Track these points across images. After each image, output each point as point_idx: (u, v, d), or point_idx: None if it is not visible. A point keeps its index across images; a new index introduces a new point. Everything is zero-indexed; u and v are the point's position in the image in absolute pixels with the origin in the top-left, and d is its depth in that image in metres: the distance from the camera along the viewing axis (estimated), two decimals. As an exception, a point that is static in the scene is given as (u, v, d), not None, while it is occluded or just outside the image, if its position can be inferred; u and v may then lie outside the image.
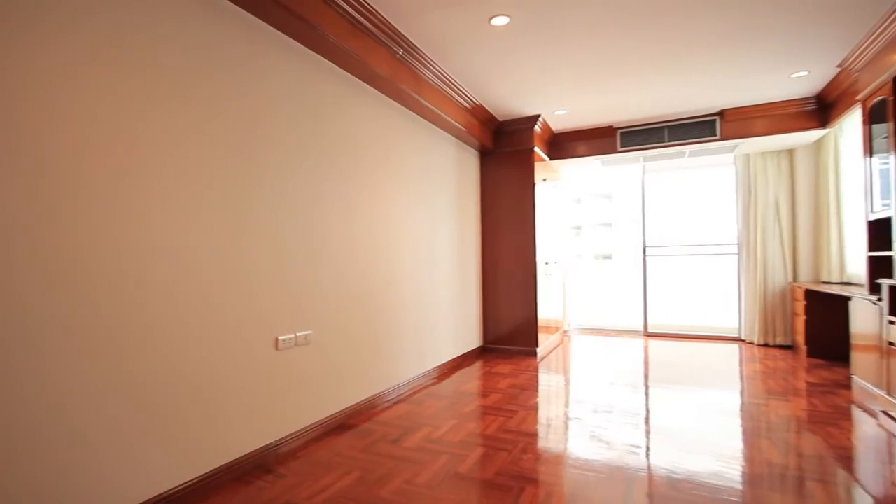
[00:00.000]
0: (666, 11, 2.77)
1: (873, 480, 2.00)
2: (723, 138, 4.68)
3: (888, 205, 2.94)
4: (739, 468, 2.12)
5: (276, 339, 2.33)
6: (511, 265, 4.91)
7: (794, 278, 5.08)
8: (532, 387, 3.57)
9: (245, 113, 2.18)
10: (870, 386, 3.11)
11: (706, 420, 2.78)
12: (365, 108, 3.10)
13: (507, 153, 4.93)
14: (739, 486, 1.94)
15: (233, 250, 2.11)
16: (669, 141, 4.88)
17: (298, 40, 2.48)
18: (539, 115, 4.68)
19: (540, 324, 4.82)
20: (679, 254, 6.28)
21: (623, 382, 3.66)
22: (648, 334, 5.87)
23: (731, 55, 3.39)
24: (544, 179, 5.20)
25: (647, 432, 2.60)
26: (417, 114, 3.74)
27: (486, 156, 5.05)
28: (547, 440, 2.49)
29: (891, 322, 2.78)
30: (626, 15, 2.80)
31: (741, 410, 2.95)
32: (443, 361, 4.10)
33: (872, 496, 1.87)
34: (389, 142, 3.39)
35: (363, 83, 3.07)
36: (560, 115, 4.76)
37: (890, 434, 2.52)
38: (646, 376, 3.88)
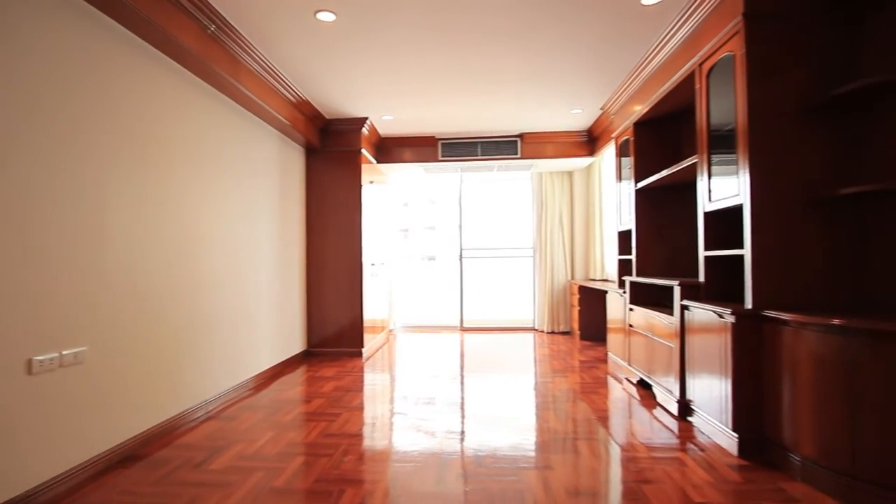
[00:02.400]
0: (479, 43, 3.11)
1: (620, 433, 2.61)
2: (522, 157, 5.46)
3: (631, 220, 3.85)
4: (532, 438, 2.52)
5: (30, 361, 1.84)
6: (337, 266, 4.84)
7: (572, 276, 6.23)
8: (357, 387, 3.58)
9: (-17, 69, 1.67)
10: (619, 359, 4.02)
11: (508, 400, 3.21)
12: (170, 87, 2.68)
13: (334, 153, 4.85)
14: (532, 453, 2.31)
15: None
16: (482, 155, 5.48)
17: (71, -10, 2.01)
18: (367, 118, 4.73)
19: (366, 324, 4.86)
20: (490, 256, 7.09)
21: (443, 375, 3.96)
22: (464, 329, 6.47)
23: (529, 88, 3.99)
24: (371, 182, 5.27)
25: (462, 418, 2.87)
26: (236, 101, 3.39)
27: (312, 154, 4.87)
28: (371, 438, 2.54)
29: (631, 309, 3.65)
30: (445, 36, 3.04)
31: (534, 388, 3.50)
32: (262, 370, 3.80)
33: (619, 445, 2.43)
34: (200, 128, 2.99)
35: (168, 58, 2.64)
36: (387, 121, 4.90)
37: (630, 395, 3.31)
38: (462, 367, 4.27)
